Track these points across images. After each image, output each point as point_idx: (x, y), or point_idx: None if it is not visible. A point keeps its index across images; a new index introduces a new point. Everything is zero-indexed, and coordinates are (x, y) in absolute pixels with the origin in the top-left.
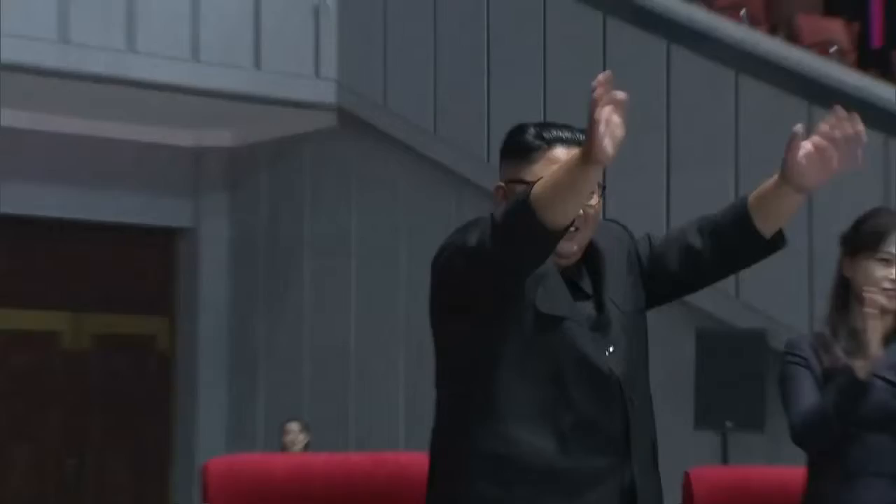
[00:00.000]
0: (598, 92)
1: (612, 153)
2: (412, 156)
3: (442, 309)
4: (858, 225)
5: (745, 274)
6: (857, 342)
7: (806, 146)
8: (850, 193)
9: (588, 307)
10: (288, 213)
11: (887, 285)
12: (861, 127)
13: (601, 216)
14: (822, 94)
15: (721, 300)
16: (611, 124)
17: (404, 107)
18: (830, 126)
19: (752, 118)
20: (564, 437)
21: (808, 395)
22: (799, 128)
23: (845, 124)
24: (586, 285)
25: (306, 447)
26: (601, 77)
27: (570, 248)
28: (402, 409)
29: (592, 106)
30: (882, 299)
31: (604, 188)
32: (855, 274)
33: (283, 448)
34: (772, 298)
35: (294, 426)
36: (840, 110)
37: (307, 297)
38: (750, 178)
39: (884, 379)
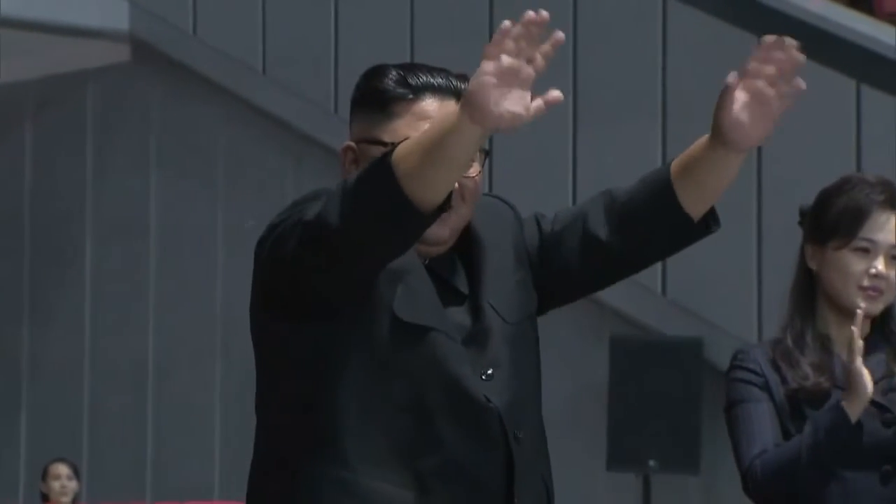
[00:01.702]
0: (505, 28)
1: (506, 119)
2: (234, 104)
3: (266, 310)
4: (825, 202)
5: (675, 265)
6: (827, 354)
7: (740, 97)
8: (811, 156)
9: (461, 314)
10: (63, 178)
11: (867, 282)
12: (796, 52)
13: (482, 190)
14: (773, 25)
15: (643, 299)
16: (510, 80)
17: (222, 38)
18: (760, 61)
19: (684, 55)
20: (426, 485)
21: (767, 429)
22: (732, 77)
23: (777, 53)
24: (461, 283)
25: (76, 499)
26: (530, 14)
27: (441, 233)
28: (217, 445)
29: (492, 44)
30: (861, 303)
31: (487, 153)
32: (823, 267)
33: (45, 499)
34: (710, 297)
35: (64, 469)
36: (767, 39)
37: (89, 292)
38: (682, 133)
39: (871, 402)
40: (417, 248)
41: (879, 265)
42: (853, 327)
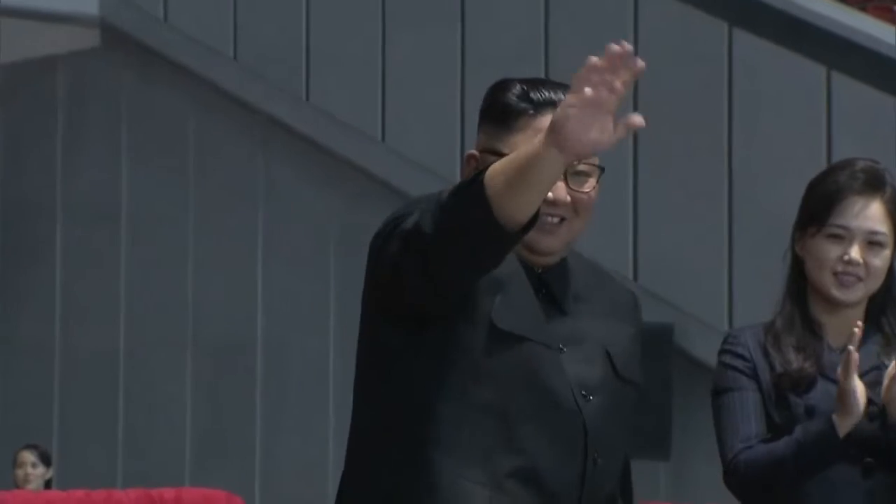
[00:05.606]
0: (593, 63)
1: (590, 147)
2: (204, 88)
3: (373, 308)
4: (810, 186)
5: (646, 251)
6: (816, 339)
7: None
8: (782, 144)
9: (562, 327)
10: (32, 164)
11: (840, 268)
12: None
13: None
14: (745, 13)
15: None
16: (594, 110)
17: (192, 23)
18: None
19: (656, 48)
20: (503, 486)
21: (752, 420)
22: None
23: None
24: (565, 300)
25: (48, 485)
26: (615, 48)
27: (552, 243)
28: (188, 431)
29: (578, 77)
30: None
31: (602, 170)
32: (804, 252)
33: (16, 485)
34: (680, 283)
35: (28, 456)
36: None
37: (59, 280)
38: (653, 129)
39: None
40: (528, 258)
41: (853, 252)
42: (850, 346)
